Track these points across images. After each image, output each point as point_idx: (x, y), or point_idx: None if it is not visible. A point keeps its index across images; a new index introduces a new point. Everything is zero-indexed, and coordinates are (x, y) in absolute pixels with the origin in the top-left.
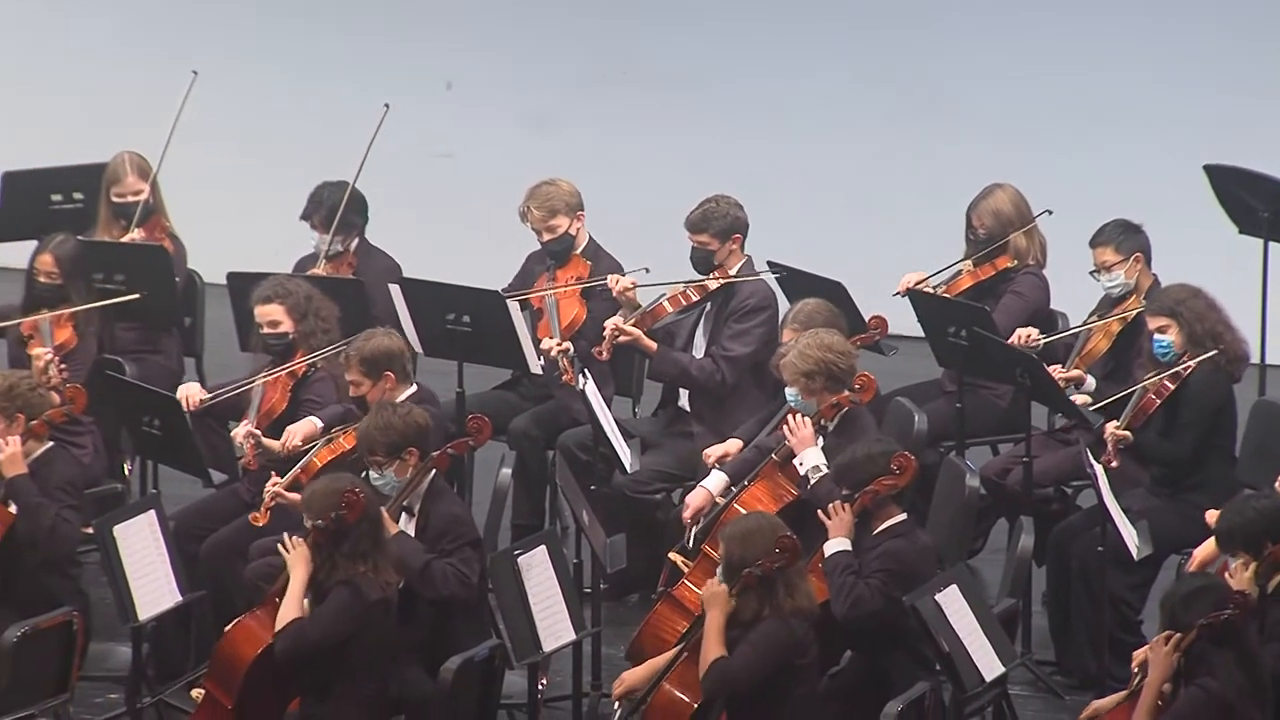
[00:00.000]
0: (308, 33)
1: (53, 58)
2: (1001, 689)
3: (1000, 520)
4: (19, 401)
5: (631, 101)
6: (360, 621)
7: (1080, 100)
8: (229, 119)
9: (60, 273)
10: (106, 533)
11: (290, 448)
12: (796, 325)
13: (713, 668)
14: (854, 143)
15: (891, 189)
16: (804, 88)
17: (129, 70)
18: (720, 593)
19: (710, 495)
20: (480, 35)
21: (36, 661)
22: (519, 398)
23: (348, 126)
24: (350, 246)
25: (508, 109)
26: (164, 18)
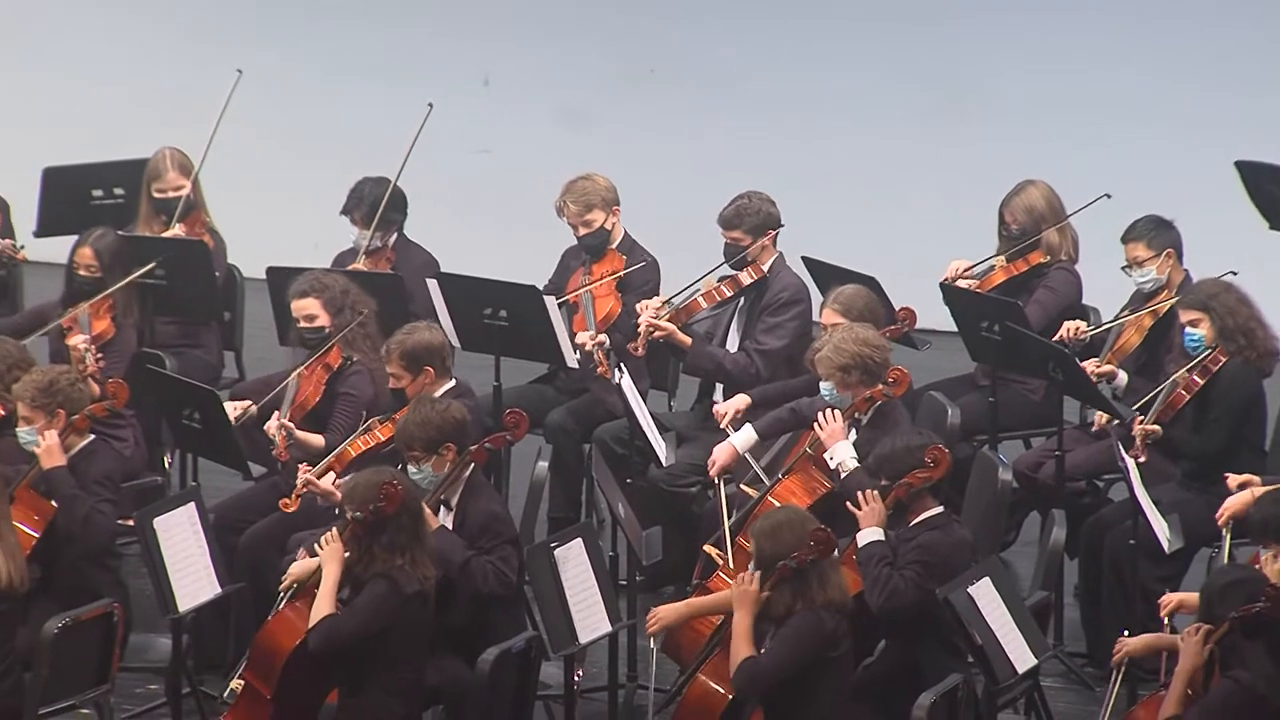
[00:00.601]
0: (349, 31)
1: (97, 54)
2: (1034, 680)
3: (1032, 513)
4: (59, 397)
5: (666, 98)
6: (396, 614)
7: (1110, 97)
8: (270, 116)
9: (99, 266)
10: (147, 525)
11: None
12: (837, 306)
13: (742, 667)
14: (885, 139)
15: (922, 185)
16: (836, 85)
17: (172, 68)
18: (749, 592)
19: (735, 451)
20: (518, 33)
21: (77, 653)
22: (555, 392)
23: (387, 123)
24: (389, 242)
25: (545, 105)
26: (209, 16)
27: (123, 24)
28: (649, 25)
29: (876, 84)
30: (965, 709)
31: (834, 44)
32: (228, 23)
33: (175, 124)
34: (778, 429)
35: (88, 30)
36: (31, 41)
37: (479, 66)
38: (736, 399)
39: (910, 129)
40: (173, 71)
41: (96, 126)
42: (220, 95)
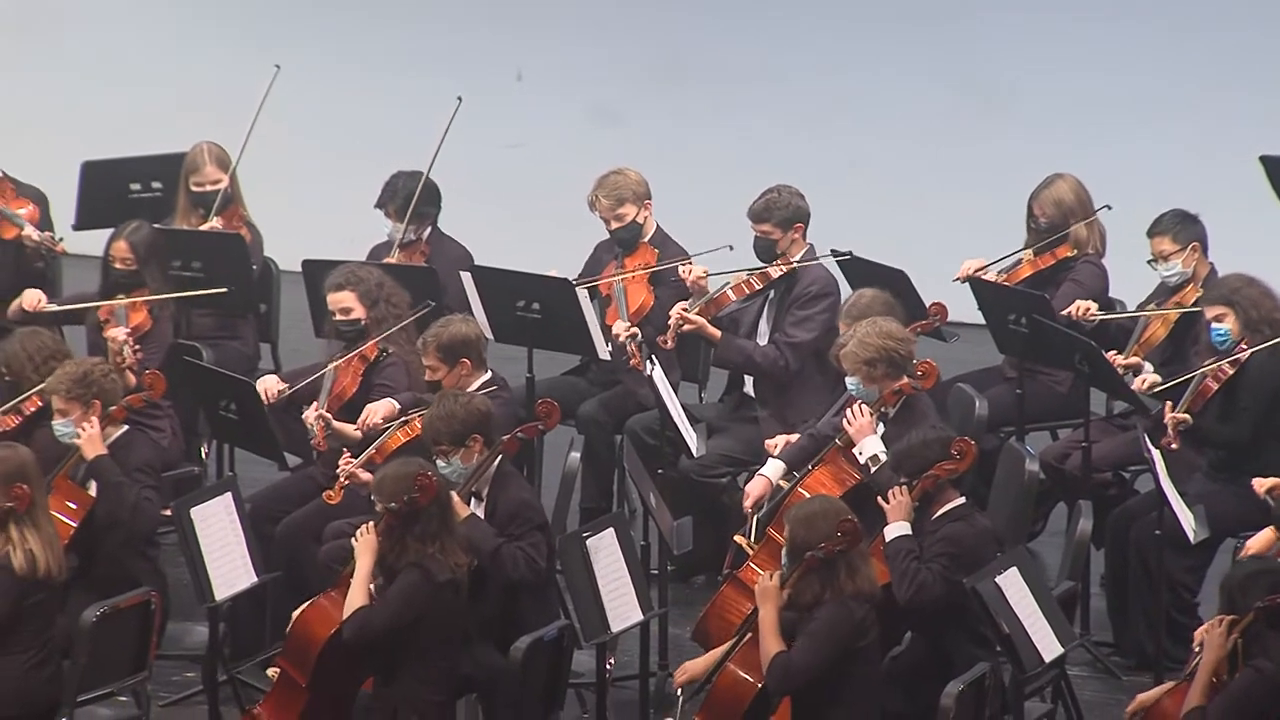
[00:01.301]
0: (383, 27)
1: (135, 50)
2: (1060, 669)
3: (1059, 504)
4: (94, 388)
5: (697, 94)
6: (429, 603)
7: (1135, 93)
8: (306, 111)
9: (135, 259)
10: (184, 515)
11: (369, 425)
12: (850, 319)
13: (774, 664)
14: (913, 136)
15: (949, 181)
16: (865, 83)
17: (210, 63)
18: (771, 588)
19: (769, 483)
20: (550, 29)
21: (115, 640)
22: (587, 383)
23: (421, 117)
24: (423, 235)
25: (577, 101)
26: (245, 12)
27: (161, 20)
28: (680, 22)
29: (904, 81)
30: (992, 697)
31: (862, 42)
32: (265, 19)
33: (213, 119)
34: (804, 458)
35: (126, 26)
36: (70, 37)
37: (512, 62)
38: (793, 437)
39: (938, 126)
40: (210, 67)
41: (134, 121)
42: (257, 91)
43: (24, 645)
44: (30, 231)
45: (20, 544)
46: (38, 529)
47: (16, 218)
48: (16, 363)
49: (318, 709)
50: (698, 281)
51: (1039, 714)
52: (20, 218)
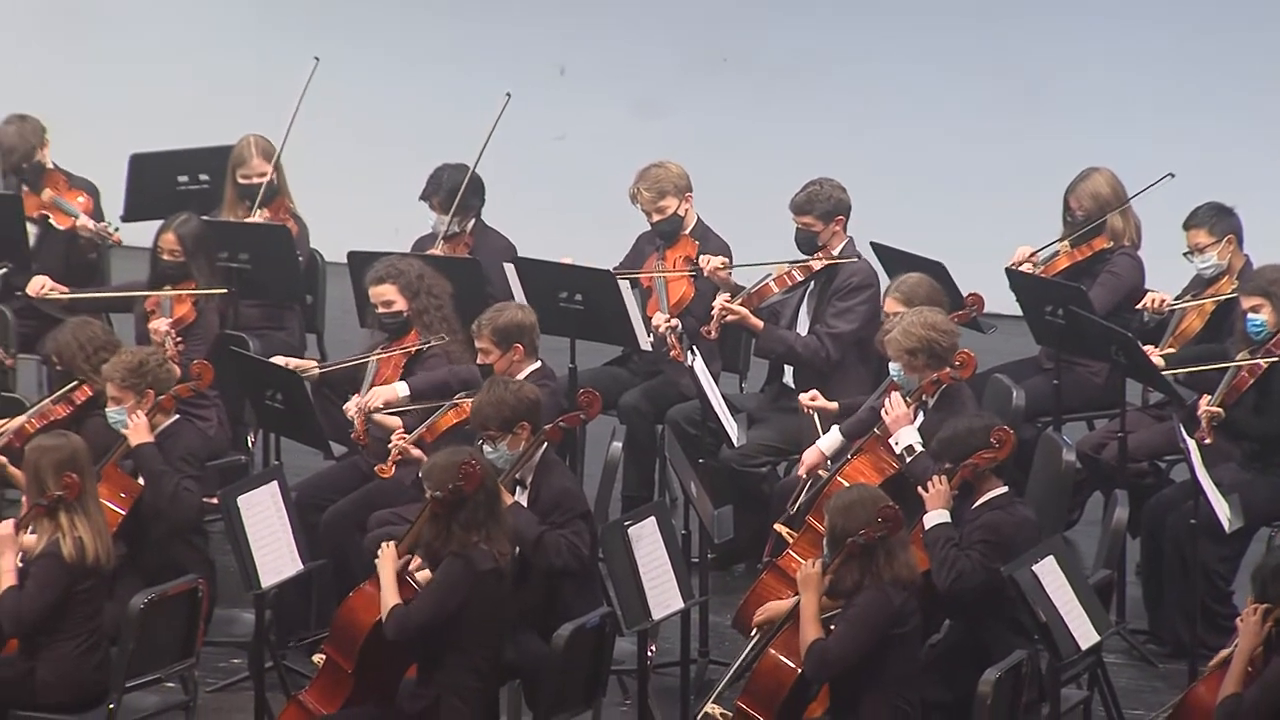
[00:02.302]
0: (426, 20)
1: (182, 43)
2: (1096, 657)
3: (1096, 493)
4: (148, 378)
5: (738, 87)
6: (470, 592)
7: (1171, 86)
8: (352, 104)
9: (182, 250)
10: (231, 503)
11: (368, 408)
12: (899, 295)
13: (812, 651)
14: (952, 129)
15: (987, 173)
16: (903, 76)
17: (258, 56)
18: (813, 575)
19: (823, 455)
20: (593, 23)
21: (163, 627)
22: (629, 374)
23: (464, 110)
24: (467, 227)
25: (619, 94)
26: (291, 6)
27: (207, 13)
28: (722, 15)
29: (942, 74)
30: (1030, 684)
31: (901, 35)
32: (310, 13)
33: (258, 111)
34: (861, 430)
35: (173, 20)
36: (119, 31)
37: (555, 56)
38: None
39: (976, 118)
40: (257, 60)
41: (182, 114)
42: (302, 83)
43: (73, 632)
44: (86, 221)
45: (70, 531)
46: (87, 517)
47: (71, 208)
48: (68, 352)
49: (363, 695)
50: (715, 272)
51: (1075, 701)
52: (75, 208)
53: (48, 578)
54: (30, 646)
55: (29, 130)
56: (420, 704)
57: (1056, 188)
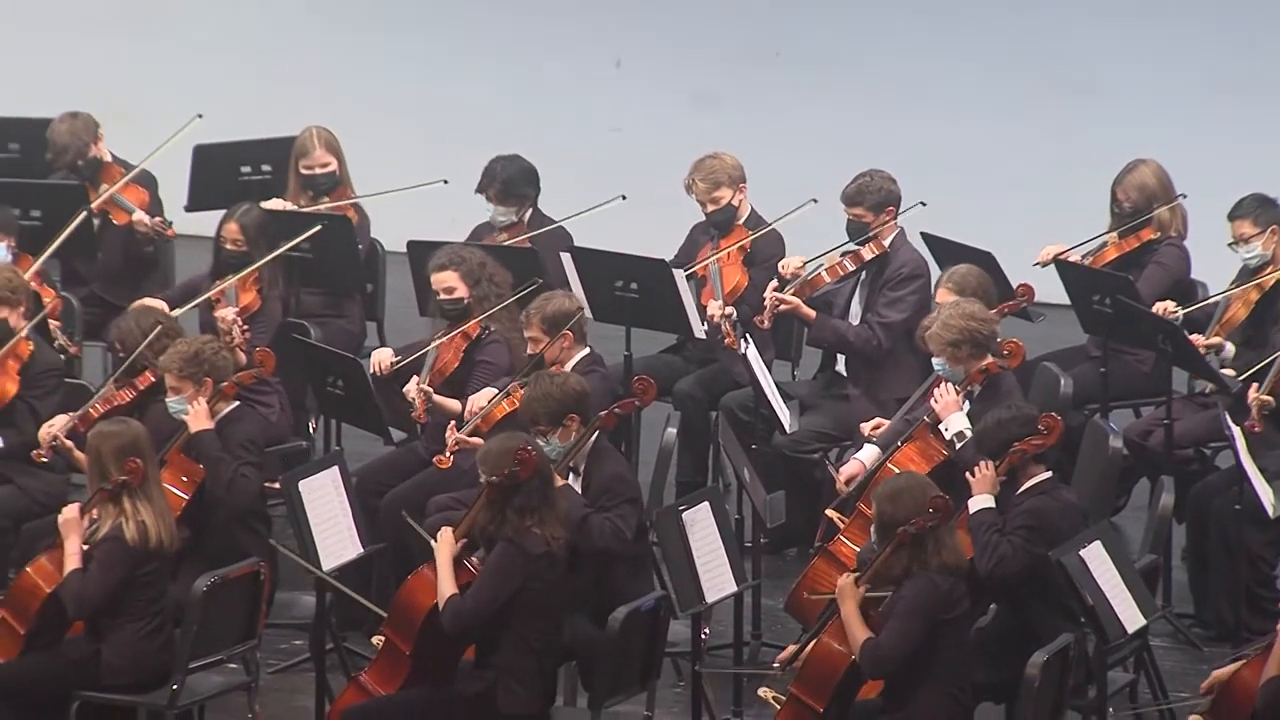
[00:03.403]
0: (485, 13)
1: (243, 36)
2: (1143, 640)
3: (1142, 480)
4: (205, 366)
5: (791, 80)
6: (523, 577)
7: (1216, 78)
8: (410, 94)
9: (245, 240)
10: (292, 487)
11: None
12: (951, 285)
13: (865, 650)
14: (1001, 121)
15: (1036, 165)
16: (954, 69)
17: (316, 48)
18: (848, 585)
19: (863, 466)
20: (649, 17)
21: (225, 609)
22: (683, 361)
23: (522, 102)
24: (524, 217)
25: (674, 86)
26: (346, 2)
27: (268, 5)
28: (776, 9)
29: (992, 68)
30: (1077, 667)
31: (954, 29)
32: (372, 4)
33: (321, 103)
34: (895, 440)
35: (235, 12)
36: (183, 23)
37: (611, 49)
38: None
39: (1024, 110)
40: (318, 52)
41: (243, 105)
42: (363, 75)
43: (137, 614)
44: (141, 216)
45: (133, 516)
46: (150, 501)
47: (126, 203)
48: (130, 339)
49: (421, 676)
50: (798, 272)
51: (1122, 683)
52: (130, 203)
53: (111, 560)
54: (95, 629)
55: (80, 128)
56: (478, 685)
57: (1102, 179)
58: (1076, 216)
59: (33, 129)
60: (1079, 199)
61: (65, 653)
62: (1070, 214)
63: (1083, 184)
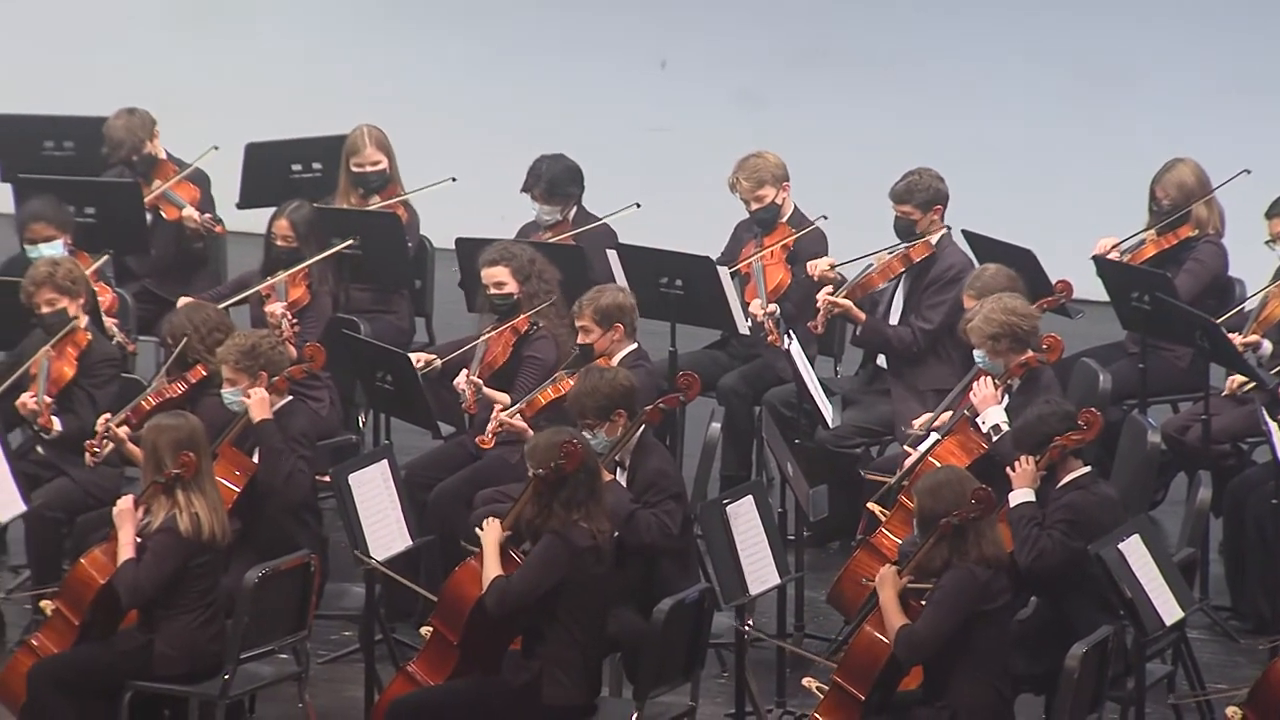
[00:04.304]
0: (533, 12)
1: (295, 36)
2: (1180, 633)
3: (1180, 474)
4: (261, 360)
5: (833, 79)
6: (568, 569)
7: (1254, 75)
8: (459, 93)
9: (295, 236)
10: (342, 481)
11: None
12: (973, 292)
13: (900, 636)
14: (1041, 117)
15: (1075, 164)
16: (995, 68)
17: (367, 48)
18: (889, 574)
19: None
20: (693, 17)
21: (276, 600)
22: (728, 357)
23: (569, 100)
24: (569, 215)
25: (718, 86)
26: (396, 2)
27: (319, 5)
28: (819, 9)
29: (1033, 68)
30: (1115, 659)
31: (995, 29)
32: (422, 4)
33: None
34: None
35: (287, 11)
36: (237, 24)
37: (656, 49)
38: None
39: (1064, 108)
40: (370, 51)
41: (295, 104)
42: (410, 75)
43: (190, 605)
44: (191, 213)
45: (186, 508)
46: (203, 494)
47: (178, 199)
48: (183, 334)
49: (469, 666)
50: (825, 275)
51: (1160, 675)
52: (182, 199)
53: (164, 551)
54: (148, 619)
55: (137, 124)
56: (524, 676)
57: (1143, 178)
58: (1115, 214)
59: (88, 127)
60: (1118, 197)
61: (119, 643)
62: (1109, 212)
63: (1122, 182)
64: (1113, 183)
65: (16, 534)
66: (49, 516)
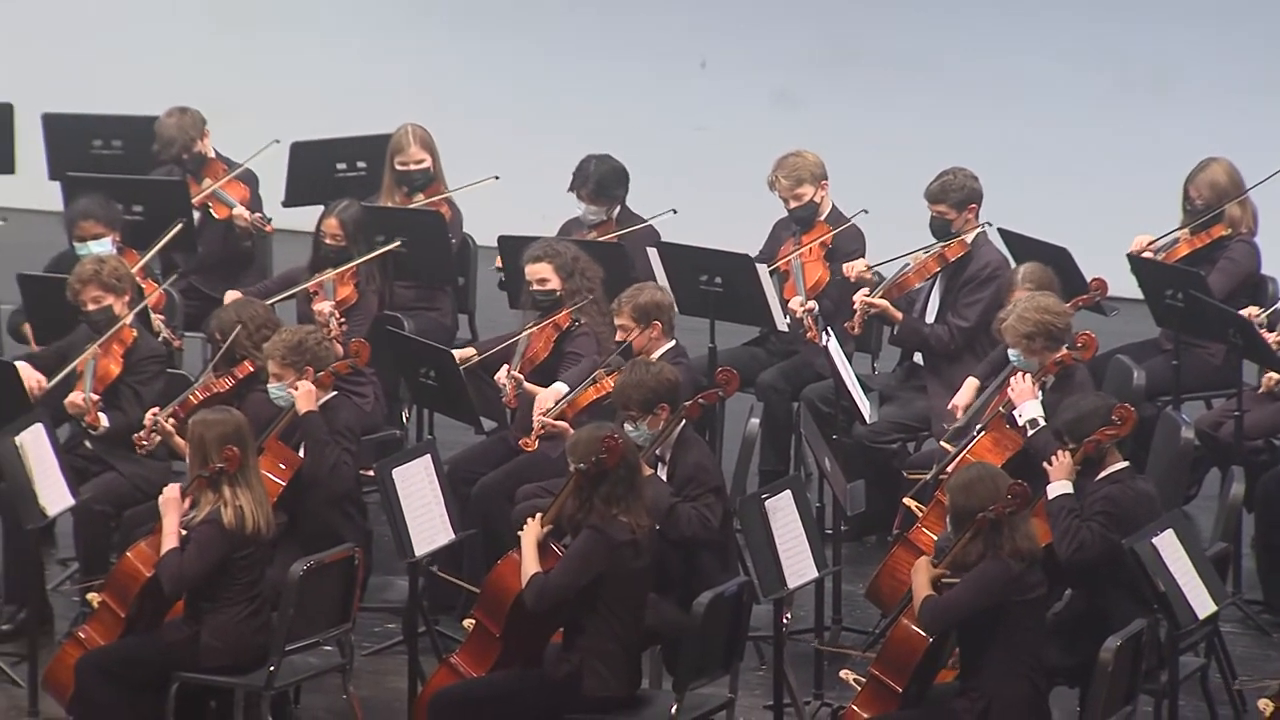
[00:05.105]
0: (574, 13)
1: (340, 36)
2: (1213, 626)
3: (1213, 469)
4: (307, 355)
5: (872, 78)
6: (607, 563)
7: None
8: (502, 93)
9: (344, 235)
10: (386, 475)
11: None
12: (1030, 285)
13: (924, 604)
14: (1076, 117)
15: (1110, 161)
16: (1029, 69)
17: (412, 48)
18: (924, 564)
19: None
20: (733, 18)
21: (321, 593)
22: (766, 353)
23: (610, 100)
24: (613, 214)
25: (758, 86)
26: (439, 3)
27: (365, 6)
28: (857, 10)
29: (1067, 68)
30: (1149, 652)
31: (1029, 29)
32: (467, 5)
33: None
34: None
35: (332, 13)
36: (283, 25)
37: (697, 49)
38: (967, 384)
39: (1099, 108)
40: (414, 51)
41: (341, 104)
42: (453, 75)
43: (235, 598)
44: (241, 212)
45: (231, 501)
46: (248, 488)
47: (228, 198)
48: (230, 330)
49: (511, 658)
50: (862, 275)
51: (1193, 668)
52: (232, 198)
53: (208, 542)
54: (195, 612)
55: (188, 123)
56: (565, 668)
57: (1177, 177)
58: (1151, 213)
59: (137, 126)
60: (1153, 196)
61: (165, 635)
62: (1143, 210)
63: (1155, 181)
64: (1147, 182)
65: (64, 527)
66: (96, 510)
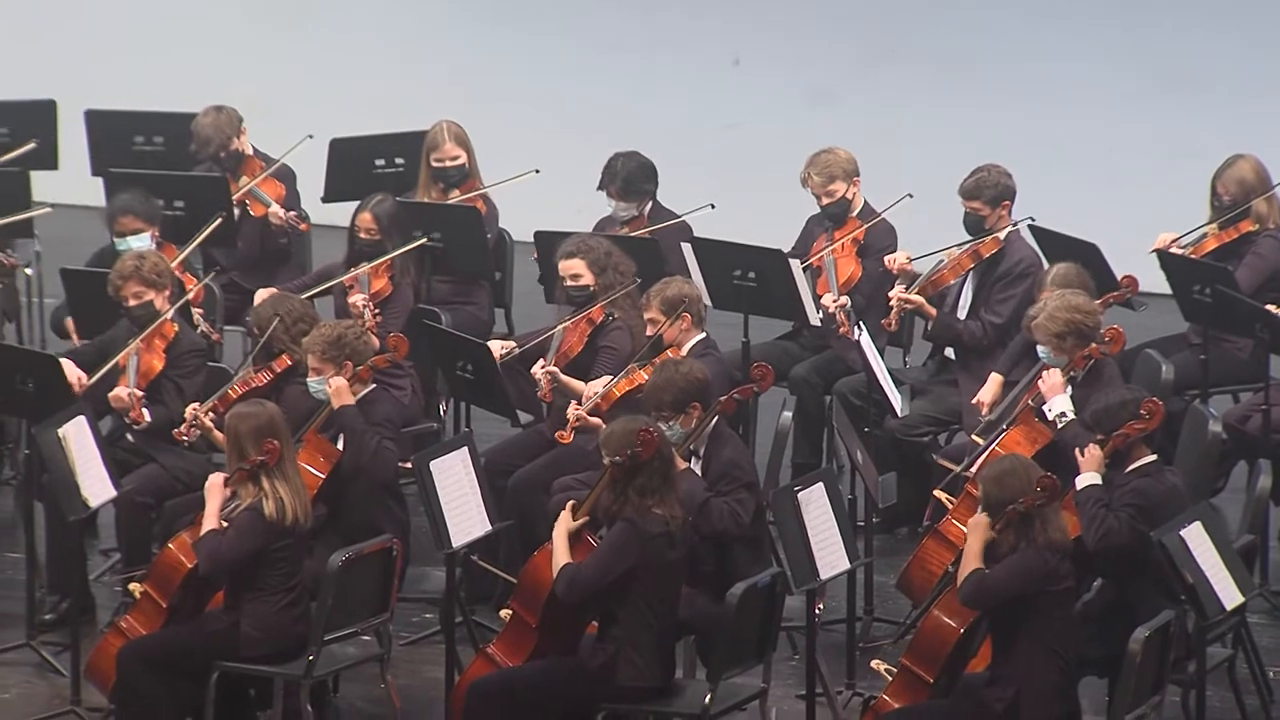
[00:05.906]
0: (610, 12)
1: (380, 34)
2: (1240, 617)
3: (1240, 463)
4: (346, 349)
5: (904, 76)
6: (639, 555)
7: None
8: (539, 89)
9: (379, 229)
10: (424, 467)
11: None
12: (1055, 285)
13: (970, 577)
14: (1106, 115)
15: (1140, 161)
16: (1061, 68)
17: (450, 46)
18: (983, 521)
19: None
20: (767, 16)
21: (360, 584)
22: (799, 348)
23: (644, 97)
24: (645, 210)
25: (791, 84)
26: (476, 3)
27: (405, 4)
28: (890, 9)
29: (1098, 66)
30: (1177, 643)
31: (1061, 28)
32: (497, 5)
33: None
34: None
35: (374, 9)
36: (322, 22)
37: (730, 47)
38: (991, 379)
39: (1130, 108)
40: (452, 49)
41: (379, 100)
42: (488, 73)
43: (274, 588)
44: (276, 210)
45: (271, 493)
46: (287, 480)
47: (264, 196)
48: (268, 325)
49: (546, 648)
50: (904, 268)
51: (1220, 659)
52: (268, 196)
53: (247, 528)
54: (234, 602)
55: (224, 121)
56: (600, 658)
57: (1201, 175)
58: (1179, 210)
59: (177, 123)
60: (1181, 193)
61: (206, 625)
62: (1173, 207)
63: (1186, 178)
64: (1176, 179)
65: (107, 518)
66: (138, 501)
